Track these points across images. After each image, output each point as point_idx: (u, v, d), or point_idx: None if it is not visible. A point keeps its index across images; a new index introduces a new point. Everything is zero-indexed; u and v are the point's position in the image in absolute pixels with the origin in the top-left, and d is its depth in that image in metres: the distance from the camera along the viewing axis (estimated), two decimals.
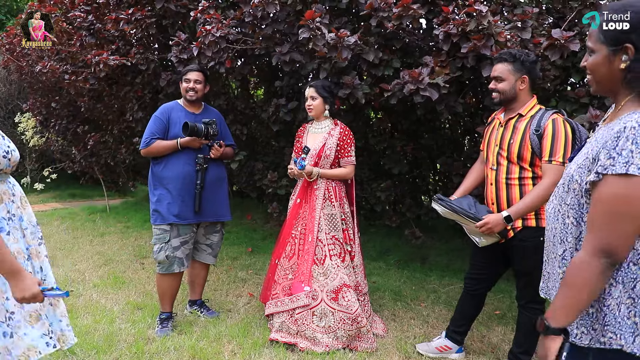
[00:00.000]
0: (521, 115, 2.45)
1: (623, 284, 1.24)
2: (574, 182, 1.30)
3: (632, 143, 1.15)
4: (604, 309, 1.25)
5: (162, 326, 3.17)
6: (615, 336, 1.24)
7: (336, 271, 3.04)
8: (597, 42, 1.28)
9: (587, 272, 1.21)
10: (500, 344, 3.11)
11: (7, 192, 1.77)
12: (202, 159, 3.11)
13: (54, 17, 4.99)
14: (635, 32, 1.21)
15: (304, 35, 2.98)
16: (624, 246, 1.19)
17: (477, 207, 2.50)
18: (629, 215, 1.17)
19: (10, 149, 1.75)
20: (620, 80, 1.26)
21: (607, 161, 1.18)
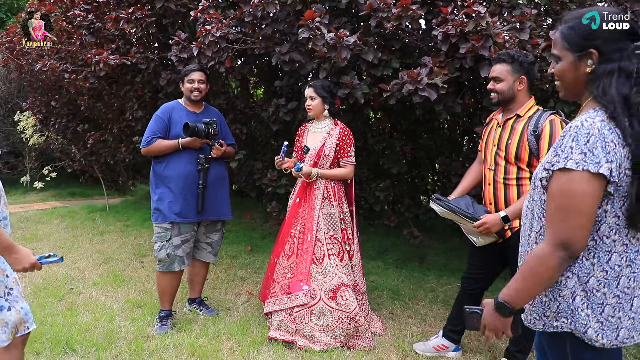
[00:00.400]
0: (519, 116, 2.47)
1: (578, 276, 1.33)
2: (537, 180, 1.39)
3: (572, 140, 1.25)
4: (559, 298, 1.35)
5: (162, 324, 3.19)
6: (567, 321, 1.34)
7: (334, 270, 3.05)
8: (563, 49, 1.36)
9: (546, 262, 1.29)
10: (497, 342, 3.13)
11: None
12: (203, 159, 3.13)
13: (54, 16, 5.01)
14: (600, 38, 1.29)
15: (304, 35, 3.00)
16: (579, 238, 1.26)
17: (475, 207, 2.52)
18: (574, 209, 1.25)
19: None
20: (585, 84, 1.34)
21: (554, 158, 1.29)
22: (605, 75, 1.28)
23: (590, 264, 1.32)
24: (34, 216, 6.68)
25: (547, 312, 1.39)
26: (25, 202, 7.75)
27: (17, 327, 1.87)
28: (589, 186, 1.23)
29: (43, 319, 3.26)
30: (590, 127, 1.24)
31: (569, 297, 1.34)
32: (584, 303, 1.33)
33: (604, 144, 1.22)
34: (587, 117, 1.27)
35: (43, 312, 3.39)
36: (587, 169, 1.22)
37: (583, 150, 1.23)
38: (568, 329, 1.35)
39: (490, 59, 2.72)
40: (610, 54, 1.28)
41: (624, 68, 1.26)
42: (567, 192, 1.25)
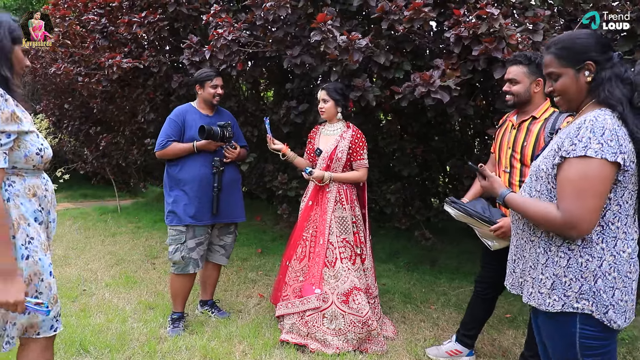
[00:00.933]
0: (535, 118, 2.44)
1: (597, 259, 1.46)
2: (540, 171, 1.55)
3: (590, 131, 1.42)
4: (581, 279, 1.47)
5: (174, 326, 3.20)
6: (588, 302, 1.47)
7: (347, 274, 3.05)
8: (561, 67, 1.55)
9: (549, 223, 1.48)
10: (511, 347, 3.11)
11: (41, 187, 1.85)
12: (218, 162, 3.14)
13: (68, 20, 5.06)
14: (592, 50, 1.50)
15: (316, 38, 3.00)
16: (587, 220, 1.42)
17: (491, 210, 2.49)
18: (589, 192, 1.41)
19: (43, 147, 1.81)
20: (587, 92, 1.54)
21: (570, 147, 1.44)
22: (606, 81, 1.49)
23: (601, 248, 1.46)
24: None
25: (569, 292, 1.49)
26: None
27: (25, 328, 1.82)
28: (605, 172, 1.40)
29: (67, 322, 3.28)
30: (604, 121, 1.42)
31: (591, 280, 1.46)
32: (605, 285, 1.46)
33: (617, 137, 1.40)
34: (598, 113, 1.45)
35: None
36: (604, 157, 1.39)
37: (600, 141, 1.40)
38: (589, 311, 1.47)
39: (504, 61, 2.70)
40: (604, 63, 1.50)
41: (618, 74, 1.49)
42: (586, 176, 1.40)
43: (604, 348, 1.50)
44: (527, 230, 1.61)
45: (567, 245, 1.50)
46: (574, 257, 1.49)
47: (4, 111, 1.63)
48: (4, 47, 1.70)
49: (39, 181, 1.84)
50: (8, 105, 1.65)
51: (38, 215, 1.81)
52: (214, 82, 3.24)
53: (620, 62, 1.50)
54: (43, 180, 1.87)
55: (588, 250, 1.47)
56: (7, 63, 1.72)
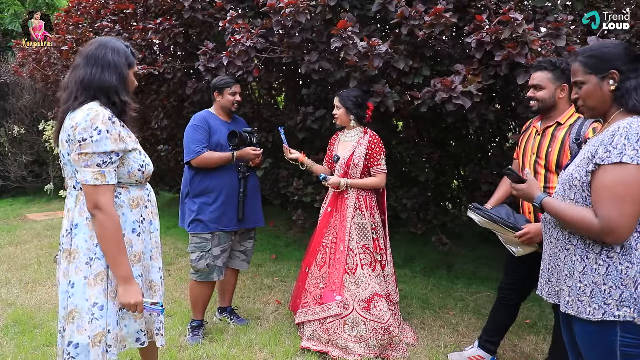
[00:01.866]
0: (560, 124, 2.43)
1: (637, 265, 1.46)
2: (574, 180, 1.56)
3: (624, 138, 1.43)
4: (621, 287, 1.47)
5: (194, 334, 3.19)
6: (630, 310, 1.46)
7: (367, 280, 3.03)
8: (585, 74, 1.59)
9: (585, 227, 1.48)
10: (533, 353, 3.08)
11: (143, 198, 2.00)
12: (244, 167, 3.15)
13: (81, 27, 5.08)
14: (617, 60, 1.54)
15: (336, 45, 2.99)
16: (625, 226, 1.42)
17: (515, 216, 2.47)
18: (627, 197, 1.42)
19: (144, 163, 1.97)
20: (611, 101, 1.57)
21: (605, 154, 1.46)
22: (632, 89, 1.52)
23: (639, 253, 1.46)
24: (59, 224, 6.75)
25: (609, 299, 1.48)
26: (49, 210, 7.85)
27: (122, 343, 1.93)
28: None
29: None
30: (638, 127, 1.44)
31: (631, 286, 1.46)
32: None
33: None
34: (631, 121, 1.47)
35: None
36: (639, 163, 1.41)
37: (635, 147, 1.42)
38: (630, 318, 1.46)
39: (527, 66, 2.68)
40: (629, 73, 1.53)
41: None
42: (622, 182, 1.42)
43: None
44: (562, 238, 1.60)
45: (606, 253, 1.49)
46: (613, 264, 1.48)
47: (112, 133, 1.79)
48: (122, 74, 1.90)
49: (142, 193, 2.00)
50: (116, 127, 1.82)
51: (136, 226, 1.94)
52: (232, 89, 3.24)
53: None
54: (146, 191, 2.03)
55: (627, 257, 1.46)
56: (126, 88, 1.94)
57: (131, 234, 1.92)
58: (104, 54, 1.88)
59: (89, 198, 1.79)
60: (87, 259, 1.82)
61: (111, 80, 1.87)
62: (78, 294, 1.82)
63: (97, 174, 1.77)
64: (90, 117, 1.76)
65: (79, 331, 1.81)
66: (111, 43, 1.92)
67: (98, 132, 1.75)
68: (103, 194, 1.78)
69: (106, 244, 1.79)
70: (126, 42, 1.98)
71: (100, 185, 1.78)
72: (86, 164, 1.77)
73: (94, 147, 1.76)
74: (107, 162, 1.79)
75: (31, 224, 6.76)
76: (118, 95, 1.88)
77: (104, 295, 1.83)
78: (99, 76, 1.85)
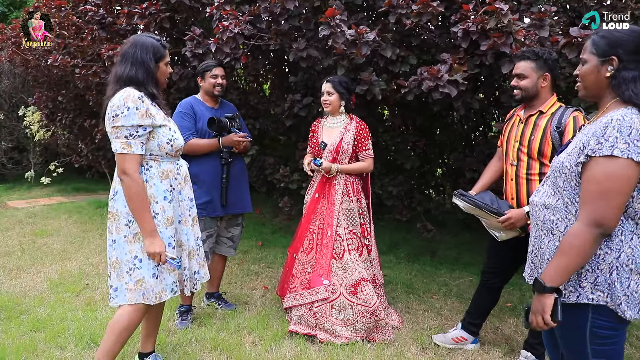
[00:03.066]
0: (542, 112, 2.50)
1: (614, 251, 1.49)
2: (564, 168, 1.56)
3: (617, 131, 1.42)
4: (597, 271, 1.50)
5: (182, 319, 3.22)
6: (603, 294, 1.50)
7: (355, 265, 3.09)
8: (590, 54, 1.58)
9: (581, 240, 1.46)
10: (513, 335, 3.19)
11: (173, 171, 2.32)
12: (227, 153, 3.15)
13: (64, 10, 4.99)
14: (621, 47, 1.51)
15: (324, 33, 3.01)
16: (613, 218, 1.44)
17: (499, 202, 2.55)
18: (614, 191, 1.42)
19: (173, 138, 2.27)
20: (606, 86, 1.56)
21: (596, 146, 1.45)
22: (630, 80, 1.49)
23: (620, 240, 1.49)
24: (41, 212, 6.68)
25: (584, 283, 1.52)
26: (30, 198, 7.73)
27: (160, 294, 2.25)
28: (630, 172, 1.42)
29: (63, 315, 3.29)
30: (632, 121, 1.42)
31: (606, 271, 1.50)
32: (619, 277, 1.49)
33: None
34: (625, 112, 1.46)
35: (63, 308, 3.41)
36: (631, 157, 1.40)
37: (627, 141, 1.41)
38: (604, 302, 1.50)
39: (511, 56, 2.74)
40: (628, 63, 1.50)
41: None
42: (612, 176, 1.42)
43: (613, 338, 1.54)
44: (549, 222, 1.62)
45: None
46: None
47: (141, 109, 2.11)
48: (149, 68, 2.21)
49: (172, 166, 2.32)
50: (145, 105, 2.13)
51: (167, 194, 2.27)
52: (213, 72, 3.24)
53: None
54: (176, 165, 2.36)
55: (608, 243, 1.49)
56: (153, 81, 2.24)
57: (163, 201, 2.25)
58: (134, 52, 2.20)
59: (118, 165, 2.15)
60: (126, 221, 2.20)
61: (138, 75, 2.18)
62: (119, 249, 2.22)
63: (125, 145, 2.11)
64: (123, 97, 2.11)
65: (118, 278, 2.24)
66: (141, 41, 2.23)
67: (127, 108, 2.09)
68: (129, 162, 2.12)
69: (132, 203, 2.13)
70: (157, 37, 2.30)
71: (127, 154, 2.12)
72: (117, 136, 2.12)
73: (123, 121, 2.09)
74: (134, 134, 2.12)
75: (12, 212, 6.66)
76: (145, 87, 2.19)
77: (142, 251, 2.20)
78: (127, 71, 2.18)
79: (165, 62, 2.29)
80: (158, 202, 2.24)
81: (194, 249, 2.44)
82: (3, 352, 2.76)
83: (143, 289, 2.22)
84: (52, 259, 4.58)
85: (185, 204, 2.40)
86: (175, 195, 2.32)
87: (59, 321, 3.20)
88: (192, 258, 2.43)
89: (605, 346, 1.54)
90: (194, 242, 2.44)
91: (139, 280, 2.22)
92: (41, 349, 2.84)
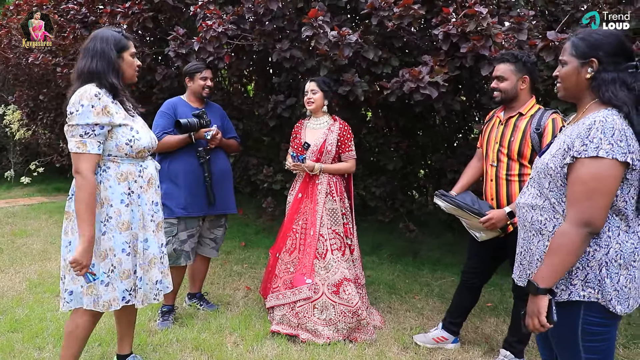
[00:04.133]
0: (521, 114, 2.55)
1: (603, 248, 1.52)
2: (549, 170, 1.58)
3: (600, 132, 1.45)
4: (587, 268, 1.53)
5: (164, 319, 3.20)
6: (594, 291, 1.53)
7: (337, 265, 3.11)
8: (570, 56, 1.60)
9: (570, 240, 1.49)
10: (493, 334, 3.23)
11: (133, 173, 2.21)
12: (202, 151, 3.13)
13: (45, 9, 4.93)
14: (601, 49, 1.53)
15: (307, 34, 3.03)
16: (600, 217, 1.47)
17: (480, 203, 2.59)
18: (601, 191, 1.46)
19: (133, 139, 2.16)
20: (585, 88, 1.58)
21: (582, 147, 1.48)
22: (609, 82, 1.52)
23: (607, 237, 1.52)
24: (20, 212, 6.58)
25: (575, 280, 1.55)
26: (10, 198, 7.61)
27: (109, 303, 2.17)
28: (615, 171, 1.45)
29: (42, 315, 3.25)
30: (614, 122, 1.46)
31: (596, 268, 1.52)
32: (608, 273, 1.51)
33: (625, 137, 1.45)
34: (607, 114, 1.49)
35: (42, 308, 3.37)
36: (615, 157, 1.44)
37: (610, 142, 1.44)
38: (595, 298, 1.53)
39: (490, 59, 2.79)
40: (607, 64, 1.53)
41: (624, 80, 1.52)
42: (598, 176, 1.45)
43: (604, 334, 1.56)
44: (537, 223, 1.63)
45: None
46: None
47: (96, 107, 2.03)
48: (110, 59, 2.13)
49: (133, 168, 2.21)
50: (101, 103, 2.05)
51: (124, 197, 2.17)
52: (203, 74, 3.24)
53: (633, 74, 1.52)
54: (139, 167, 2.24)
55: (597, 240, 1.51)
56: (115, 72, 2.15)
57: (119, 205, 2.16)
58: (94, 45, 2.14)
59: (73, 164, 2.06)
60: None
61: (99, 66, 2.11)
62: (74, 250, 2.07)
63: (79, 143, 2.03)
64: (79, 94, 2.04)
65: (74, 281, 2.16)
66: (101, 34, 2.17)
67: (82, 106, 2.02)
68: (83, 161, 2.04)
69: (78, 204, 2.02)
70: (118, 29, 2.23)
71: (82, 154, 2.03)
72: (72, 134, 2.05)
73: (77, 119, 2.02)
74: (90, 133, 2.04)
75: None
76: (106, 78, 2.12)
77: (95, 256, 2.11)
78: (89, 65, 2.12)
79: (130, 53, 2.21)
80: (113, 205, 2.14)
81: (157, 257, 2.31)
82: None
83: (94, 296, 2.16)
84: (32, 259, 4.52)
85: (147, 209, 2.27)
86: (134, 199, 2.21)
87: (37, 321, 3.16)
88: (153, 267, 2.30)
89: (597, 342, 1.56)
90: (157, 249, 2.32)
91: (90, 286, 2.14)
92: (18, 349, 2.80)
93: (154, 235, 2.31)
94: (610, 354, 1.60)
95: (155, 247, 2.30)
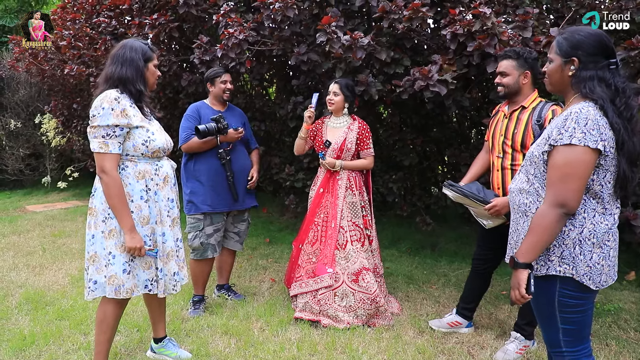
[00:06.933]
0: (524, 107, 2.69)
1: (577, 228, 1.67)
2: (534, 157, 1.73)
3: (574, 122, 1.60)
4: (563, 245, 1.69)
5: (195, 308, 3.45)
6: (569, 267, 1.69)
7: (356, 255, 3.30)
8: (555, 54, 1.74)
9: (547, 219, 1.65)
10: (507, 320, 3.37)
11: (150, 171, 2.38)
12: (223, 152, 3.36)
13: (79, 22, 5.27)
14: (581, 49, 1.68)
15: (322, 39, 3.23)
16: (573, 199, 1.62)
17: (485, 191, 2.74)
18: (574, 175, 1.60)
19: (149, 139, 2.34)
20: (568, 83, 1.73)
21: (558, 136, 1.63)
22: (587, 79, 1.66)
23: (582, 217, 1.67)
24: (58, 215, 6.96)
25: (552, 257, 1.70)
26: (47, 202, 8.04)
27: (131, 289, 2.36)
28: (587, 158, 1.59)
29: (85, 305, 3.53)
30: (587, 112, 1.60)
31: (571, 246, 1.68)
32: (582, 250, 1.67)
33: (598, 127, 1.59)
34: (583, 106, 1.63)
35: (84, 300, 3.65)
36: (587, 145, 1.58)
37: (583, 131, 1.58)
38: (570, 274, 1.69)
39: (496, 56, 2.94)
40: (587, 63, 1.67)
41: (602, 77, 1.65)
42: (571, 162, 1.60)
43: (579, 307, 1.72)
44: (523, 206, 1.79)
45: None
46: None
47: (116, 110, 2.21)
48: (138, 67, 2.34)
49: (149, 167, 2.39)
50: (120, 106, 2.23)
51: (143, 194, 2.36)
52: (223, 78, 3.48)
53: (612, 71, 1.65)
54: (155, 166, 2.41)
55: (572, 220, 1.67)
56: (142, 79, 2.37)
57: (139, 200, 2.35)
58: (123, 53, 2.33)
59: (97, 164, 2.25)
60: (103, 217, 2.30)
61: (128, 73, 2.31)
62: (97, 243, 2.31)
63: (102, 144, 2.22)
64: (100, 98, 2.23)
65: (97, 271, 2.33)
66: (130, 43, 2.37)
67: (102, 109, 2.20)
68: (107, 161, 2.23)
69: (111, 200, 2.24)
70: (146, 41, 2.43)
71: (105, 154, 2.23)
72: (94, 136, 2.23)
73: (99, 121, 2.20)
74: (111, 134, 2.23)
75: (31, 215, 6.96)
76: (133, 85, 2.33)
77: (115, 247, 2.30)
78: (118, 71, 2.31)
79: (153, 64, 2.41)
80: (134, 200, 2.32)
81: (173, 250, 2.48)
82: (32, 338, 3.01)
83: (115, 285, 2.31)
84: (72, 257, 4.84)
85: (163, 205, 2.43)
86: (152, 195, 2.38)
87: (81, 310, 3.45)
88: (170, 259, 2.46)
89: (572, 314, 1.72)
90: (173, 243, 2.48)
91: (112, 276, 2.30)
92: (66, 334, 3.08)
93: (170, 229, 2.47)
94: (585, 325, 1.75)
95: (171, 241, 2.47)
